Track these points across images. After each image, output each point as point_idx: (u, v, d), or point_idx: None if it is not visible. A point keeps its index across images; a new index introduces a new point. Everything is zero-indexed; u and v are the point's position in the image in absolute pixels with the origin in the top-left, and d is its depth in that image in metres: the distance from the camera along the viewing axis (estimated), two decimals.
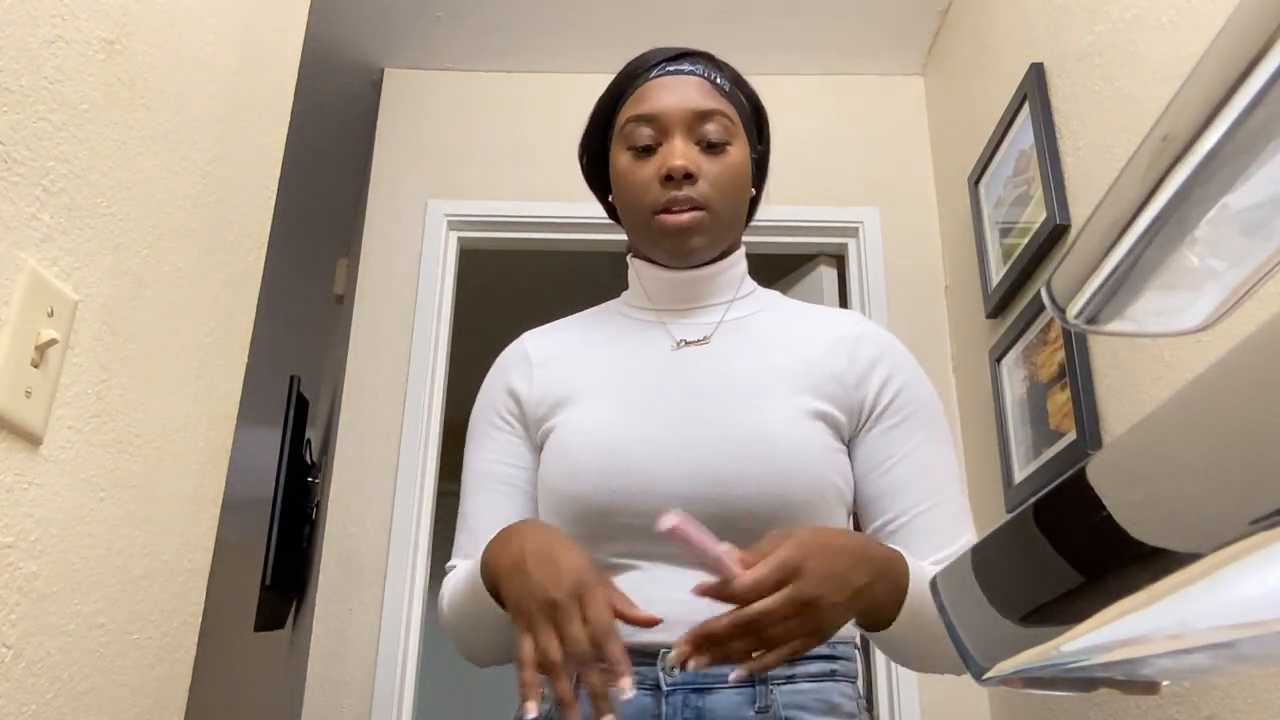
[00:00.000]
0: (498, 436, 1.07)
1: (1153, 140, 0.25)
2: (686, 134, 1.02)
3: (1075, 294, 0.29)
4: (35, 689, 0.79)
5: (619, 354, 1.05)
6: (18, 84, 0.75)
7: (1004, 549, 0.29)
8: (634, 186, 1.03)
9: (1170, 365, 1.37)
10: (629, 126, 1.04)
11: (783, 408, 0.96)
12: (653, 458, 0.93)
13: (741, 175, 1.05)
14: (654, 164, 1.02)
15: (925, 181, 2.53)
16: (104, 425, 0.90)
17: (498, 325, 4.05)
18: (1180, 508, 0.21)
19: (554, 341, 1.10)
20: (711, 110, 1.03)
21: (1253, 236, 0.24)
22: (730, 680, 0.77)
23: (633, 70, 1.08)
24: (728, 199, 1.03)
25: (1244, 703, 1.17)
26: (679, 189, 1.00)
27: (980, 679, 0.30)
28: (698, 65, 1.06)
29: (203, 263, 1.10)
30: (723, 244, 1.07)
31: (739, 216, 1.08)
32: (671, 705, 0.88)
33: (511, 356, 1.11)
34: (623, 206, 1.07)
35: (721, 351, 1.03)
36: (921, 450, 0.99)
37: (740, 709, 0.88)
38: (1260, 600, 0.19)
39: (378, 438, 2.31)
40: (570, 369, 1.05)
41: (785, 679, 0.89)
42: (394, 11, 2.46)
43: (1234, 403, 0.21)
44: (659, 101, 1.03)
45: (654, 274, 1.08)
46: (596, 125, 1.11)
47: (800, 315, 1.08)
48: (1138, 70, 1.49)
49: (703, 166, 1.01)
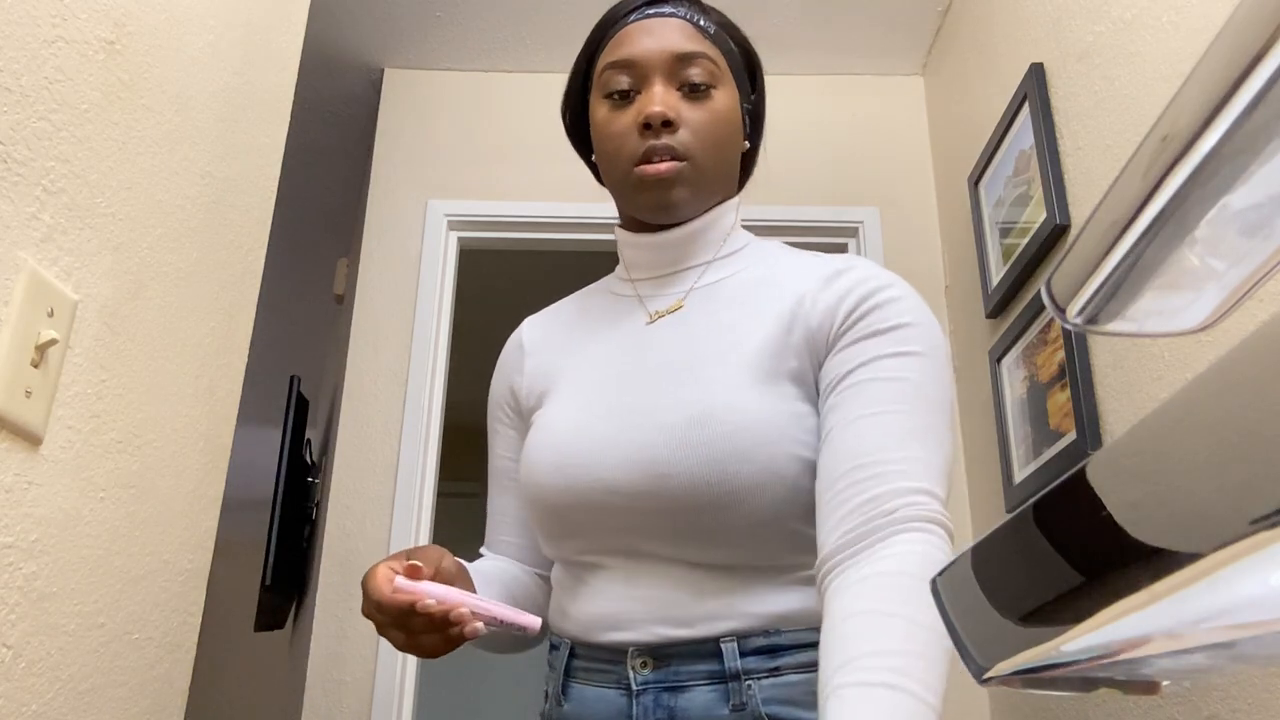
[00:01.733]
0: (504, 432, 1.07)
1: (1153, 140, 0.25)
2: (667, 79, 0.96)
3: (1075, 294, 0.29)
4: (35, 689, 0.79)
5: (596, 339, 1.01)
6: (18, 84, 0.75)
7: (1004, 549, 0.29)
8: (612, 137, 0.97)
9: (1170, 365, 1.37)
10: (606, 74, 0.98)
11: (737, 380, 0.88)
12: (596, 452, 0.90)
13: (728, 122, 0.97)
14: (632, 112, 0.96)
15: (925, 181, 2.53)
16: (104, 425, 0.90)
17: (498, 325, 4.05)
18: (1180, 508, 0.21)
19: (547, 328, 1.08)
20: (693, 53, 0.96)
21: (1253, 236, 0.24)
22: None
23: (610, 17, 1.02)
24: (711, 148, 0.96)
25: (1244, 703, 1.17)
26: (658, 137, 0.94)
27: (980, 679, 0.30)
28: (679, 7, 0.99)
29: (203, 263, 1.10)
30: (709, 197, 0.99)
31: (727, 168, 1.00)
32: (643, 705, 0.86)
33: (510, 348, 1.10)
34: (602, 160, 1.00)
35: (690, 320, 0.96)
36: (892, 361, 0.85)
37: (714, 707, 0.84)
38: (1260, 600, 0.19)
39: (378, 438, 2.31)
40: (554, 359, 1.03)
41: (768, 673, 0.84)
42: (394, 11, 2.46)
43: (1234, 403, 0.21)
44: (636, 46, 0.96)
45: (633, 240, 1.02)
46: (576, 79, 1.05)
47: (786, 266, 0.98)
48: (1138, 70, 1.49)
49: (684, 113, 0.95)
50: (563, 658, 0.93)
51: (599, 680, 0.89)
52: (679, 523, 0.86)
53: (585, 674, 0.91)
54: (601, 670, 0.89)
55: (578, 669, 0.91)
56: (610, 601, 0.90)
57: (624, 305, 1.03)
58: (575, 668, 0.92)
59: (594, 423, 0.92)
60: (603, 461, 0.89)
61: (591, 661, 0.91)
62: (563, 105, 1.08)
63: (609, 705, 0.87)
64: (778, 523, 0.85)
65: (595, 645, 0.90)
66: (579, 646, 0.92)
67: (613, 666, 0.88)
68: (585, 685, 0.90)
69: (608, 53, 0.99)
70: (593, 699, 0.89)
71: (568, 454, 0.91)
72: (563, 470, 0.91)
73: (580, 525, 0.91)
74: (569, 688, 0.92)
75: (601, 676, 0.89)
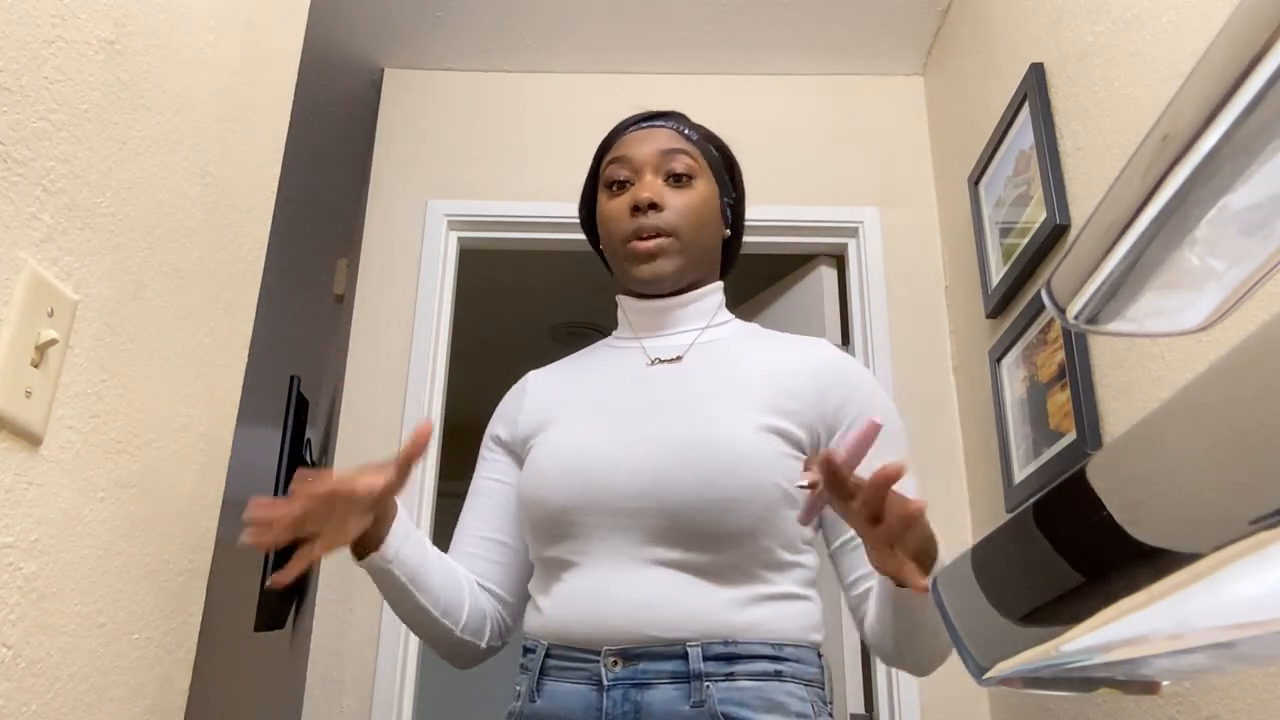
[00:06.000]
0: (490, 457, 1.22)
1: (1153, 140, 0.25)
2: (655, 172, 1.16)
3: (1075, 294, 0.29)
4: (35, 689, 0.79)
5: (598, 378, 1.17)
6: (18, 84, 0.75)
7: (1004, 549, 0.29)
8: (608, 220, 1.17)
9: (1170, 365, 1.37)
10: (608, 170, 1.20)
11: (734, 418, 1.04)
12: (605, 463, 1.04)
13: (707, 207, 1.17)
14: (626, 198, 1.16)
15: (925, 181, 2.53)
16: (104, 425, 0.90)
17: (498, 325, 4.06)
18: (1180, 508, 0.21)
19: (548, 377, 1.24)
20: (677, 149, 1.17)
21: (1253, 236, 0.24)
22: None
23: (615, 131, 1.24)
24: (693, 227, 1.15)
25: (1244, 703, 1.17)
26: (646, 217, 1.13)
27: (980, 679, 0.30)
28: (669, 120, 1.22)
29: (203, 263, 1.10)
30: (692, 272, 1.17)
31: (708, 247, 1.18)
32: (612, 699, 0.97)
33: (513, 392, 1.25)
34: (603, 240, 1.20)
35: (690, 368, 1.13)
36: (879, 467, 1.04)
37: (676, 703, 0.95)
38: (1260, 600, 0.19)
39: (378, 438, 2.31)
40: (555, 397, 1.18)
41: (724, 676, 0.96)
42: (394, 11, 2.46)
43: (1234, 403, 0.21)
44: (632, 147, 1.18)
45: (633, 304, 1.20)
46: (589, 184, 1.26)
47: (770, 341, 1.18)
48: (1138, 70, 1.49)
49: (668, 198, 1.14)
50: (539, 658, 1.03)
51: (572, 677, 1.00)
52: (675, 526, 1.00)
53: (559, 671, 1.01)
54: (575, 668, 1.00)
55: (552, 667, 1.02)
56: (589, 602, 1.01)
57: (625, 353, 1.19)
58: (550, 666, 1.02)
59: (600, 442, 1.07)
60: (606, 471, 1.04)
61: (566, 660, 1.01)
62: (580, 204, 1.29)
63: (580, 699, 0.98)
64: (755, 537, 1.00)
65: (570, 645, 1.01)
66: (555, 647, 1.02)
67: (586, 664, 0.99)
68: (558, 682, 1.01)
69: (610, 154, 1.21)
70: (564, 694, 1.00)
71: (573, 464, 1.05)
72: (568, 477, 1.05)
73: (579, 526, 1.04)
74: (543, 684, 1.02)
75: (575, 674, 1.00)
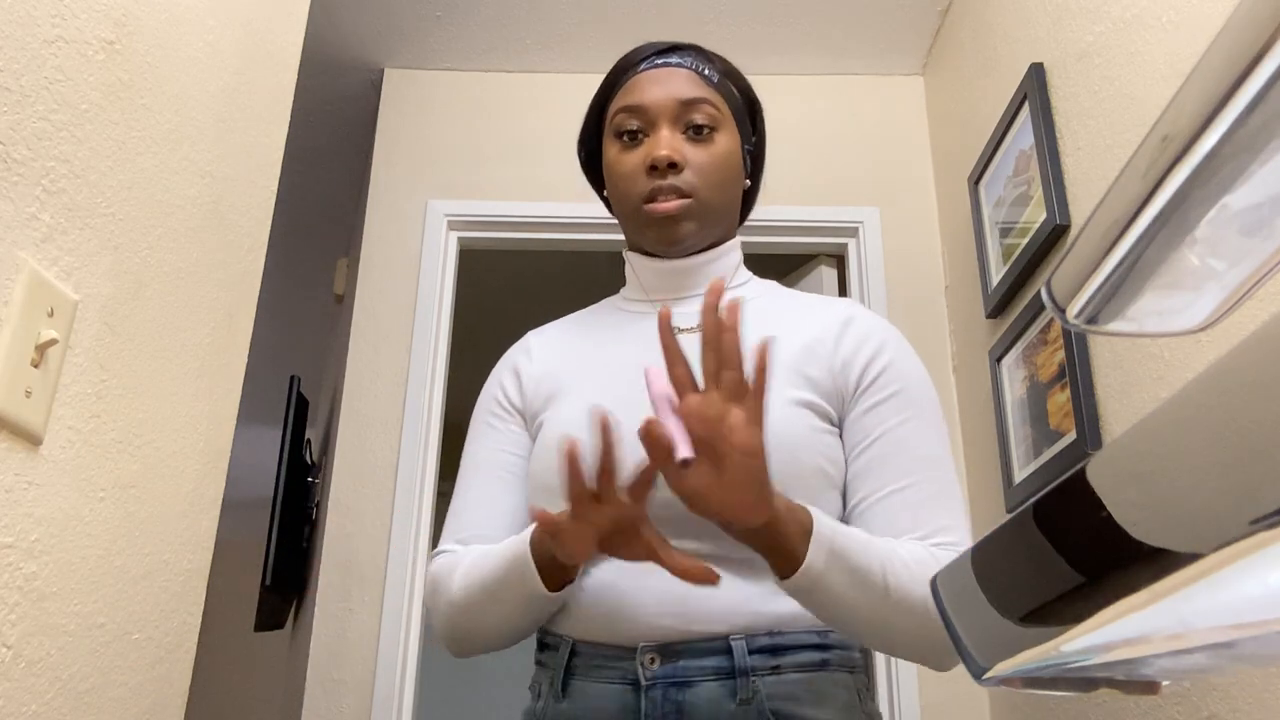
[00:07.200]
0: (500, 426, 1.08)
1: (1153, 140, 0.25)
2: (673, 124, 1.03)
3: (1075, 294, 0.29)
4: (35, 689, 0.79)
5: (610, 347, 1.06)
6: (18, 84, 0.75)
7: (1004, 549, 0.29)
8: (622, 177, 1.05)
9: (1170, 365, 1.37)
10: (618, 118, 1.06)
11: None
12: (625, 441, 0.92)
13: (729, 163, 1.05)
14: (641, 154, 1.04)
15: (925, 181, 2.53)
16: (104, 425, 0.90)
17: (498, 325, 4.06)
18: (1180, 508, 0.21)
19: (552, 338, 1.12)
20: (697, 98, 1.04)
21: (1253, 236, 0.24)
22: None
23: (623, 65, 1.10)
24: (715, 186, 1.03)
25: (1244, 703, 1.17)
26: (664, 178, 1.01)
27: (980, 679, 0.30)
28: (686, 57, 1.07)
29: (203, 263, 1.10)
30: (713, 233, 1.07)
31: (729, 205, 1.07)
32: (651, 700, 0.88)
33: (514, 353, 1.13)
34: (613, 196, 1.08)
35: None
36: (901, 429, 0.96)
37: (722, 702, 0.87)
38: (1260, 600, 0.19)
39: (378, 438, 2.31)
40: (563, 364, 1.07)
41: (771, 670, 0.88)
42: (394, 11, 2.46)
43: (1234, 403, 0.21)
44: (646, 93, 1.04)
45: (647, 264, 1.09)
46: (591, 121, 1.13)
47: (794, 304, 1.07)
48: (1138, 70, 1.49)
49: (688, 155, 1.02)
50: (563, 656, 0.93)
51: (604, 676, 0.91)
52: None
53: (588, 670, 0.92)
54: (607, 666, 0.91)
55: (579, 665, 0.92)
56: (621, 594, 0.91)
57: (639, 319, 1.09)
58: (576, 665, 0.93)
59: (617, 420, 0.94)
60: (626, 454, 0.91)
61: (595, 658, 0.92)
62: (579, 143, 1.16)
63: (616, 700, 0.89)
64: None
65: (600, 642, 0.91)
66: (581, 644, 0.93)
67: (619, 663, 0.90)
68: (588, 681, 0.91)
69: (619, 98, 1.07)
70: (596, 694, 0.90)
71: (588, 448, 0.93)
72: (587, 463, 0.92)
73: None
74: (570, 684, 0.92)
75: (607, 672, 0.91)
